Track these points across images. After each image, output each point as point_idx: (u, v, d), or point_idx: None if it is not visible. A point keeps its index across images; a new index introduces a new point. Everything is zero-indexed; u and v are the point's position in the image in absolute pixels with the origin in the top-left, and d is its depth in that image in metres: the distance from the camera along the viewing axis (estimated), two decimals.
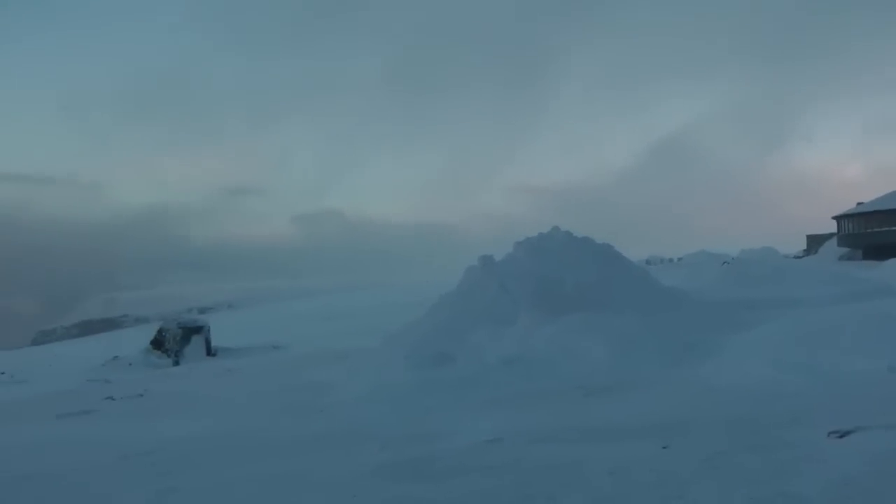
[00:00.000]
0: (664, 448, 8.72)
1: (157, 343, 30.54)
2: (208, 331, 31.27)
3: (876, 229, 64.59)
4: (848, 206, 70.92)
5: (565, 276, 18.73)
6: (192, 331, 30.83)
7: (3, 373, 31.65)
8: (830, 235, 73.91)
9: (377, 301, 56.17)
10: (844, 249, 68.39)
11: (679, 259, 78.23)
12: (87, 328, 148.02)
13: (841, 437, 8.30)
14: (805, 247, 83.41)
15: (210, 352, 30.49)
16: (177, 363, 29.03)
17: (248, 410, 15.26)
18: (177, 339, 30.26)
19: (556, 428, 10.51)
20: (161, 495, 8.95)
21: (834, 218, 71.30)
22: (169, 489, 9.16)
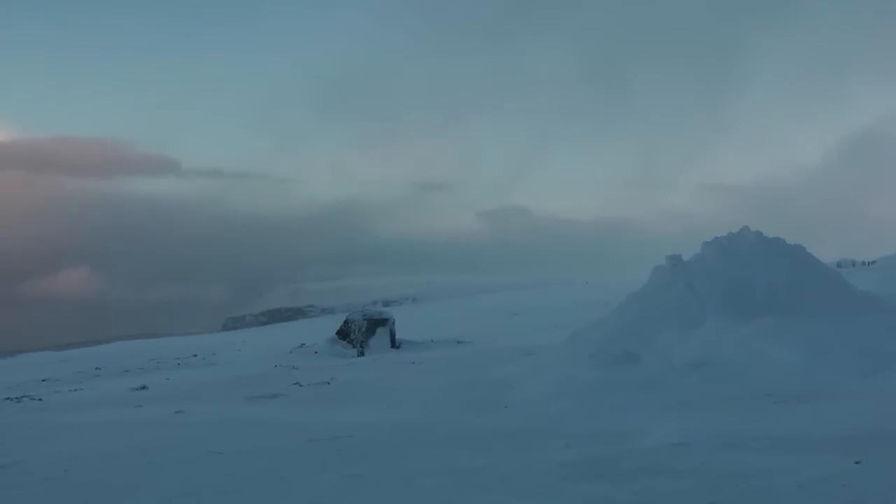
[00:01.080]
0: (857, 463, 8.36)
1: (343, 333, 31.49)
2: (393, 323, 32.01)
3: None
4: None
5: (755, 278, 18.24)
6: (377, 323, 31.62)
7: (195, 355, 33.49)
8: None
9: (562, 298, 56.21)
10: None
11: (872, 262, 75.00)
12: (274, 316, 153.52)
13: None
14: None
15: (394, 344, 31.17)
16: (362, 354, 29.83)
17: (433, 403, 15.51)
18: (362, 331, 31.09)
19: (743, 435, 10.26)
20: (347, 480, 9.17)
21: None
22: (355, 475, 9.38)
